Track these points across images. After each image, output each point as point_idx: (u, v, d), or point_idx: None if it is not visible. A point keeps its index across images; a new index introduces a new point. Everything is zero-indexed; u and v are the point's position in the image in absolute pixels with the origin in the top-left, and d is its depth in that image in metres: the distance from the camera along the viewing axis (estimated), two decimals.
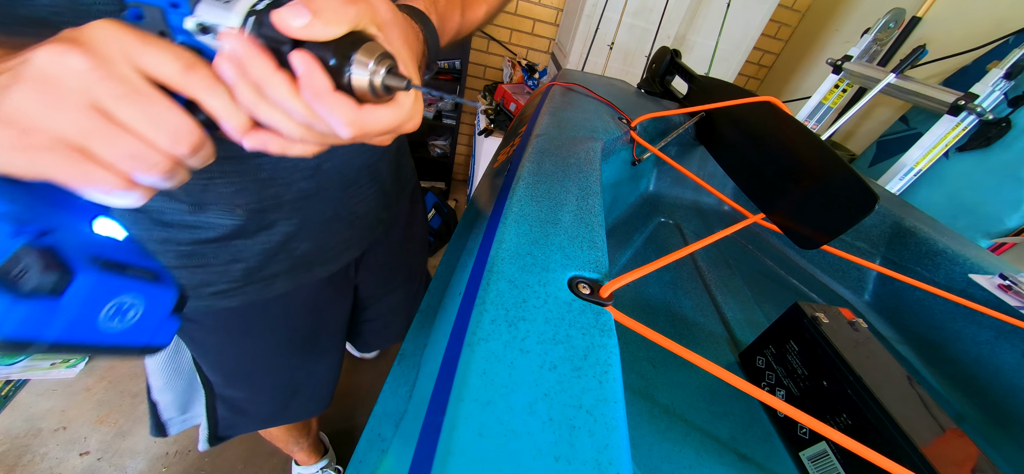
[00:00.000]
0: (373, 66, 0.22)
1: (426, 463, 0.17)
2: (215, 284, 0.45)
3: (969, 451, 0.31)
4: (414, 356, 0.32)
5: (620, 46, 1.60)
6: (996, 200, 1.07)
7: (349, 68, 0.22)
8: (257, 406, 0.64)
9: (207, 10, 0.21)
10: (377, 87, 0.23)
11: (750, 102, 0.57)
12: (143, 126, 0.19)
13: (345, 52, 0.22)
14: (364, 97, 0.23)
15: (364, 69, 0.22)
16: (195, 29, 0.22)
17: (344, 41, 0.22)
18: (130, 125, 0.19)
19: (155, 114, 0.19)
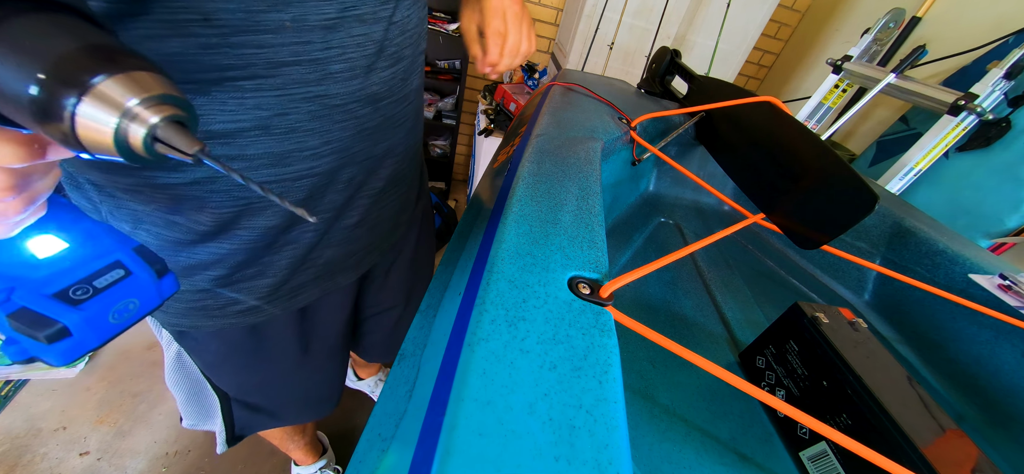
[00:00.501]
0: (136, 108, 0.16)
1: (426, 463, 0.17)
2: (242, 302, 0.44)
3: (969, 451, 0.31)
4: (414, 356, 0.32)
5: (620, 46, 1.60)
6: (996, 200, 1.07)
7: (74, 103, 0.15)
8: (274, 408, 0.64)
9: None
10: (135, 146, 0.16)
11: (750, 102, 0.57)
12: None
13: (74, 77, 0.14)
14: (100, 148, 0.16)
15: (111, 112, 0.15)
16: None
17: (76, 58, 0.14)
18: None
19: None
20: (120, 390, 1.15)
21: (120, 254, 0.25)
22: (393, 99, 0.41)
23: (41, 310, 0.21)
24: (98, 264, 0.24)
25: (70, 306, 0.21)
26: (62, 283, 0.22)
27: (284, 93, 0.32)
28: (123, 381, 1.17)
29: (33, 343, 0.21)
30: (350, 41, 0.34)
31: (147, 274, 0.25)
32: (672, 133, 0.69)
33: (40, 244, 0.23)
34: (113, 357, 1.22)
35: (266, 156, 0.34)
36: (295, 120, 0.34)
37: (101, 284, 0.23)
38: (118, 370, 1.19)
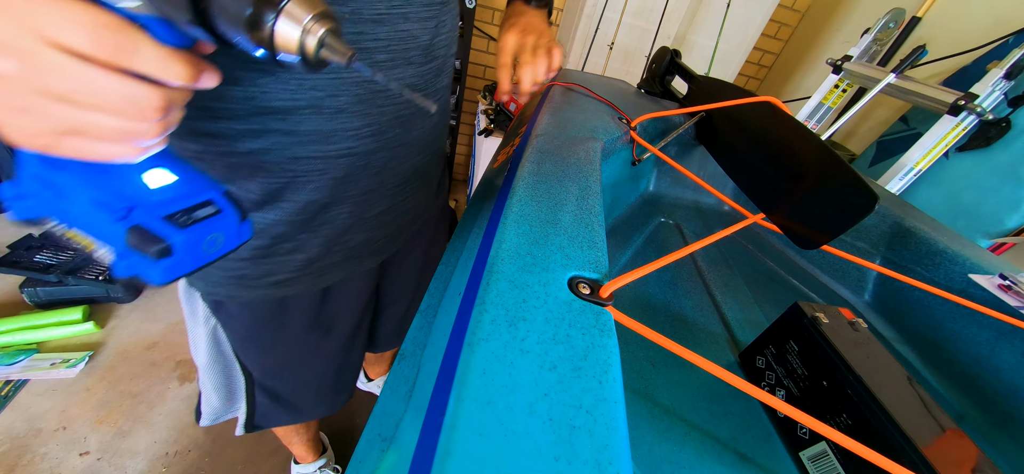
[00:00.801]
0: (309, 23, 0.21)
1: (426, 463, 0.17)
2: (276, 274, 0.48)
3: (969, 451, 0.31)
4: (414, 356, 0.32)
5: (620, 46, 1.60)
6: (996, 200, 1.07)
7: (273, 18, 0.20)
8: (296, 398, 0.66)
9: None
10: (309, 51, 0.22)
11: (750, 102, 0.57)
12: (102, 100, 0.20)
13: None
14: (285, 50, 0.22)
15: (296, 24, 0.21)
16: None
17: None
18: (96, 102, 0.20)
19: (96, 91, 0.20)
20: (120, 390, 1.15)
21: (214, 194, 0.29)
22: (426, 91, 0.46)
23: (153, 229, 0.25)
24: (197, 199, 0.28)
25: (176, 228, 0.25)
26: (170, 209, 0.26)
27: (336, 77, 0.37)
28: (123, 381, 1.17)
29: (140, 259, 0.24)
30: (395, 36, 0.39)
31: (233, 215, 0.30)
32: (672, 133, 0.69)
33: (154, 176, 0.26)
34: (113, 357, 1.22)
35: (315, 133, 0.39)
36: (343, 102, 0.38)
37: (199, 216, 0.27)
38: (118, 370, 1.19)
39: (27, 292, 1.27)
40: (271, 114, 0.36)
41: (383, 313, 0.73)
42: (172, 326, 1.34)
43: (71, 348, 1.22)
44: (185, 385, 1.20)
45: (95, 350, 1.22)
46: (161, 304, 1.40)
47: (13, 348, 1.19)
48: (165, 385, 1.18)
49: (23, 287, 1.28)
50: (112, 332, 1.28)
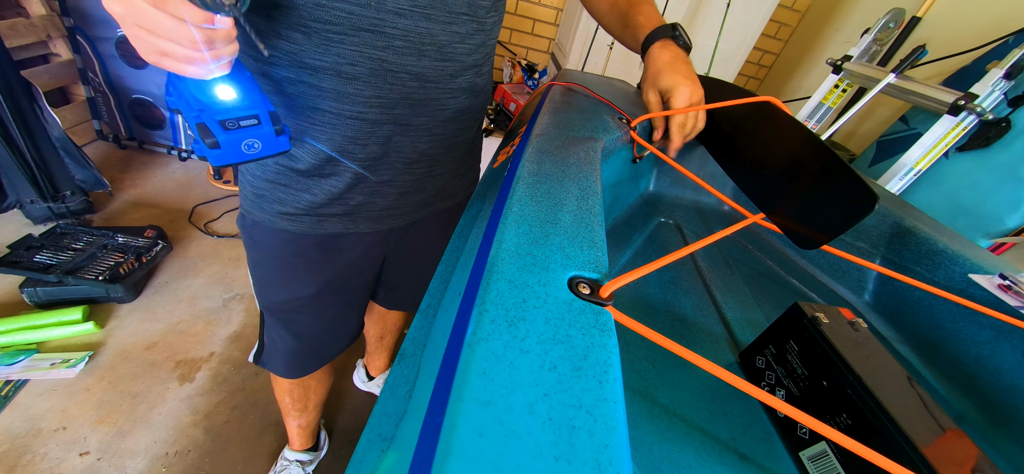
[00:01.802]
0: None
1: (426, 463, 0.17)
2: (286, 205, 0.56)
3: (969, 451, 0.31)
4: (414, 356, 0.32)
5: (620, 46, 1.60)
6: (996, 200, 1.07)
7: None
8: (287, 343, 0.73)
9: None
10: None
11: (750, 102, 0.57)
12: (169, 33, 0.31)
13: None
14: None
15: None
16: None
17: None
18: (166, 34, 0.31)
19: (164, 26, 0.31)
20: (120, 390, 1.15)
21: (259, 110, 0.39)
22: (438, 86, 0.51)
23: (210, 126, 0.37)
24: (244, 112, 0.39)
25: (223, 130, 0.37)
26: (223, 117, 0.38)
27: (357, 50, 0.44)
28: (123, 381, 1.17)
29: (203, 146, 0.37)
30: (413, 29, 0.45)
31: (270, 128, 0.40)
32: None
33: (222, 90, 0.37)
34: (113, 357, 1.22)
35: (334, 92, 0.47)
36: (359, 71, 0.46)
37: (243, 124, 0.38)
38: (118, 370, 1.19)
39: (27, 292, 1.27)
40: (304, 68, 0.45)
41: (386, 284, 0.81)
42: (172, 326, 1.34)
43: (71, 348, 1.22)
44: (185, 385, 1.20)
45: (95, 350, 1.22)
46: (161, 304, 1.40)
47: (13, 348, 1.19)
48: (165, 385, 1.18)
49: (23, 287, 1.28)
50: (112, 332, 1.28)
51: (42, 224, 1.53)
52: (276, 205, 0.56)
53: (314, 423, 1.02)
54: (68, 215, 1.56)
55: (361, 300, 0.77)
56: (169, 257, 1.56)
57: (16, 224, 1.52)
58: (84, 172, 1.56)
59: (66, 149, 1.50)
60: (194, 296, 1.45)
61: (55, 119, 1.46)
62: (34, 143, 1.43)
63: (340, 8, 0.42)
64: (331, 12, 0.42)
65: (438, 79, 0.51)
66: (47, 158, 1.48)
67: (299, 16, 0.42)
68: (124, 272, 1.35)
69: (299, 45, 0.44)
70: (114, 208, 1.72)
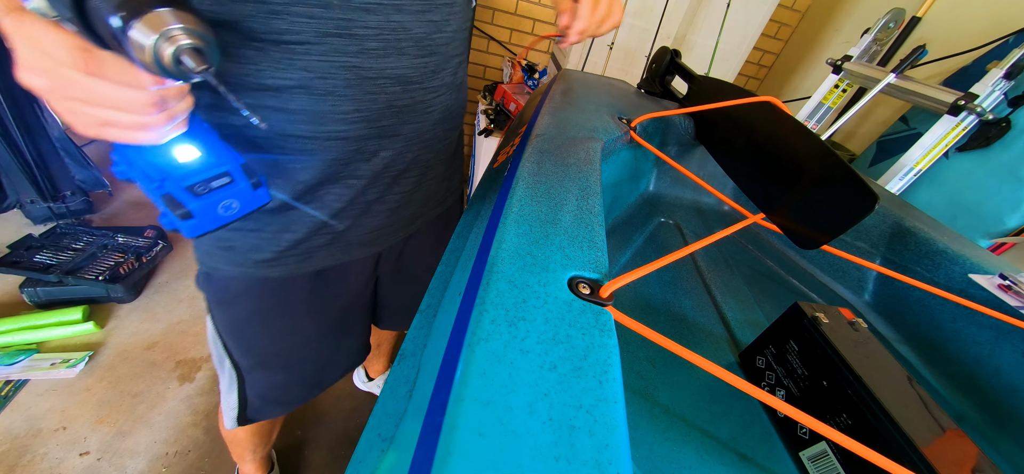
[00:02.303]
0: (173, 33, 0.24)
1: (426, 463, 0.17)
2: (263, 251, 0.49)
3: (969, 451, 0.31)
4: (414, 356, 0.32)
5: (620, 46, 1.60)
6: (996, 200, 1.07)
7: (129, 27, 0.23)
8: (287, 388, 0.66)
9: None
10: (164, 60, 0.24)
11: (750, 102, 0.57)
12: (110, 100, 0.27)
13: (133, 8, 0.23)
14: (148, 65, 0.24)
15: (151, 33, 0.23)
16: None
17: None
18: (106, 102, 0.27)
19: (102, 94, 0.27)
20: (120, 390, 1.15)
21: (230, 166, 0.35)
22: (422, 86, 0.46)
23: (178, 197, 0.32)
24: (214, 171, 0.34)
25: (194, 196, 0.33)
26: (191, 181, 0.33)
27: (326, 59, 0.38)
28: (123, 381, 1.17)
29: (174, 218, 0.32)
30: (387, 25, 0.40)
31: (245, 183, 0.36)
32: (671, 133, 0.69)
33: (181, 151, 0.33)
34: (113, 357, 1.22)
35: (306, 113, 0.41)
36: (333, 85, 0.40)
37: (214, 185, 0.34)
38: (118, 370, 1.19)
39: (27, 292, 1.27)
40: (264, 91, 0.38)
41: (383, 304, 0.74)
42: (172, 326, 1.34)
43: (71, 348, 1.22)
44: (185, 385, 1.20)
45: (95, 350, 1.22)
46: (161, 304, 1.40)
47: (13, 348, 1.19)
48: (165, 385, 1.18)
49: (23, 287, 1.28)
50: (112, 332, 1.28)
51: (42, 224, 1.54)
52: (251, 254, 0.49)
53: (268, 450, 0.97)
54: (68, 215, 1.56)
55: (362, 325, 0.72)
56: (169, 257, 1.56)
57: (16, 224, 1.52)
58: (84, 172, 1.56)
59: (66, 149, 1.50)
60: (194, 296, 1.45)
61: (55, 119, 1.46)
62: (34, 143, 1.43)
63: (299, 13, 0.35)
64: (289, 20, 0.35)
65: (421, 78, 0.46)
66: (47, 158, 1.48)
67: (249, 30, 0.35)
68: (124, 272, 1.35)
69: (256, 65, 0.37)
70: (114, 208, 1.72)
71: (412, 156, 0.51)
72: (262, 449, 0.91)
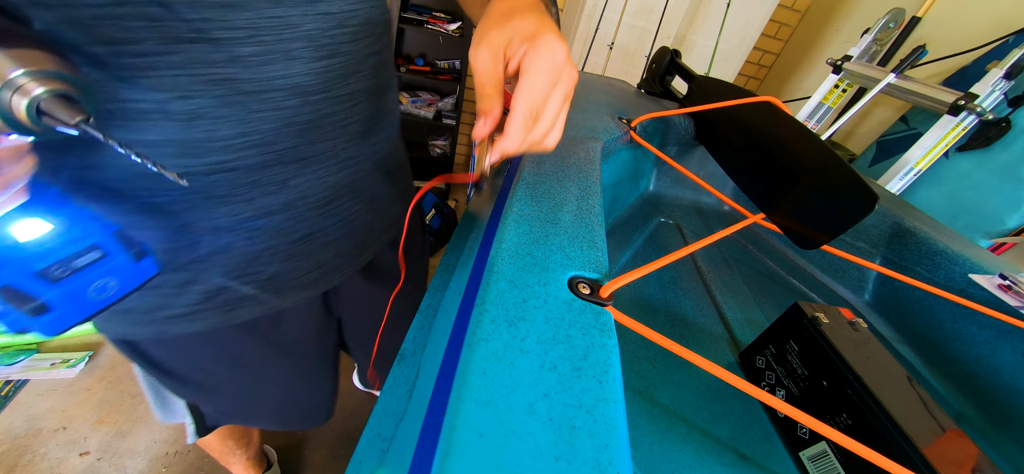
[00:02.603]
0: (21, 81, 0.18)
1: (426, 463, 0.17)
2: (170, 308, 0.41)
3: (969, 451, 0.31)
4: (414, 356, 0.32)
5: (620, 46, 1.60)
6: (996, 200, 1.07)
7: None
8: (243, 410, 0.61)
9: None
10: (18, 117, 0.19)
11: (750, 102, 0.57)
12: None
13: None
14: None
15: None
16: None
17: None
18: None
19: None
20: (120, 390, 1.15)
21: (98, 237, 0.27)
22: (329, 96, 0.37)
23: (23, 288, 0.23)
24: (77, 246, 0.26)
25: (50, 283, 0.24)
26: (43, 263, 0.24)
27: (184, 73, 0.29)
28: (123, 381, 1.17)
29: (22, 316, 0.23)
30: (262, 22, 0.31)
31: (123, 256, 0.27)
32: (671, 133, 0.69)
33: (24, 227, 0.24)
34: (113, 357, 1.22)
35: (171, 144, 0.31)
36: (200, 105, 0.31)
37: (79, 264, 0.25)
38: (118, 370, 1.19)
39: None
40: (107, 119, 0.29)
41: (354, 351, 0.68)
42: None
43: (71, 348, 1.22)
44: None
45: (95, 350, 1.22)
46: None
47: (13, 348, 1.19)
48: None
49: None
50: None
51: None
52: (157, 313, 0.41)
53: (259, 446, 0.94)
54: None
55: (324, 377, 0.64)
56: None
57: None
58: None
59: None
60: None
61: None
62: None
63: (128, 13, 0.26)
64: (121, 25, 0.26)
65: (324, 87, 0.36)
66: None
67: (70, 43, 0.25)
68: None
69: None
70: None
71: (335, 180, 0.42)
72: (243, 451, 0.87)
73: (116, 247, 0.27)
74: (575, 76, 0.31)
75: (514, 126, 0.29)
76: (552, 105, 0.30)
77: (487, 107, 0.30)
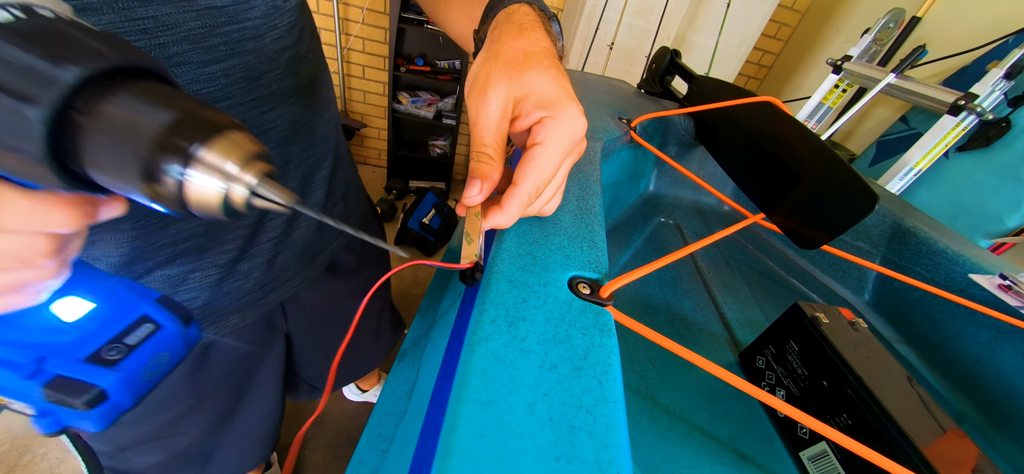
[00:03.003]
0: (234, 171, 0.16)
1: (426, 463, 0.17)
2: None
3: (969, 451, 0.31)
4: (414, 356, 0.32)
5: (620, 46, 1.60)
6: (996, 200, 1.07)
7: (180, 172, 0.15)
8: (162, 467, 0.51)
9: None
10: (237, 205, 0.17)
11: (750, 102, 0.57)
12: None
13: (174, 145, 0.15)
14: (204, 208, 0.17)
15: (215, 176, 0.16)
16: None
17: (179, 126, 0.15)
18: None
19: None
20: None
21: (146, 308, 0.24)
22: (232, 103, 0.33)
23: (76, 375, 0.20)
24: (127, 320, 0.23)
25: (106, 368, 0.21)
26: (94, 345, 0.21)
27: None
28: None
29: (69, 412, 0.20)
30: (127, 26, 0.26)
31: (175, 324, 0.24)
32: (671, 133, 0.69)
33: (66, 306, 0.22)
34: None
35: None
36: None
37: (133, 341, 0.22)
38: None
39: None
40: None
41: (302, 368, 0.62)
42: None
43: None
44: None
45: None
46: None
47: None
48: None
49: None
50: None
51: None
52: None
53: None
54: None
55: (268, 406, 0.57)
56: None
57: None
58: None
59: None
60: None
61: None
62: None
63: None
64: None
65: (226, 94, 0.32)
66: None
67: None
68: None
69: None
70: None
71: None
72: None
73: (166, 316, 0.24)
74: (584, 148, 0.28)
75: (515, 202, 0.25)
76: (558, 179, 0.27)
77: (485, 171, 0.25)
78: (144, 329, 0.23)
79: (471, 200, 0.26)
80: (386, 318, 0.79)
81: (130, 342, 0.22)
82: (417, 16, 1.81)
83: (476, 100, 0.25)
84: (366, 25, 1.95)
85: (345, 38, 1.97)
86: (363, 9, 1.89)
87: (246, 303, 0.43)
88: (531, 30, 0.27)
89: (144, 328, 0.23)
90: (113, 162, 0.15)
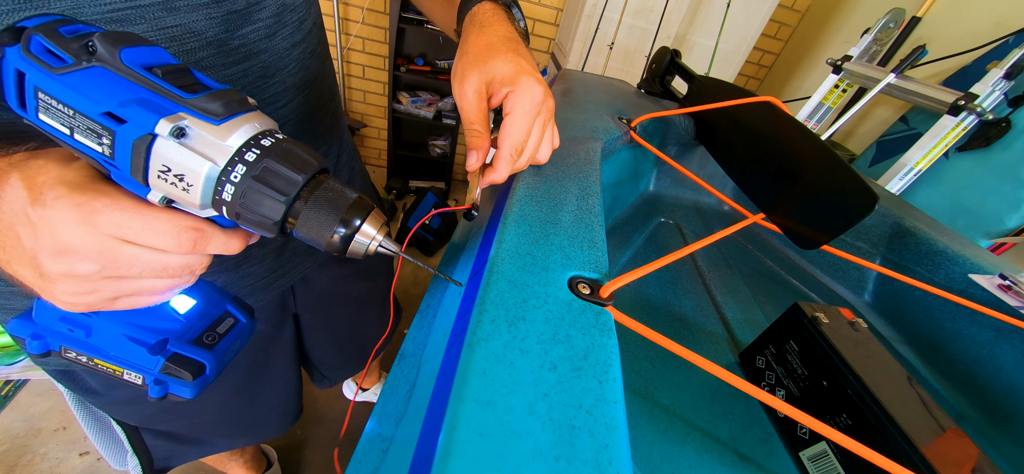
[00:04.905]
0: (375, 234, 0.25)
1: (426, 463, 0.17)
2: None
3: (969, 451, 0.31)
4: (414, 356, 0.32)
5: (620, 46, 1.60)
6: (996, 200, 1.07)
7: (350, 236, 0.24)
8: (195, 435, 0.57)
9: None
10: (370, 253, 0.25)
11: (750, 102, 0.57)
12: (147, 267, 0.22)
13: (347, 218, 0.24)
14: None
15: (366, 240, 0.25)
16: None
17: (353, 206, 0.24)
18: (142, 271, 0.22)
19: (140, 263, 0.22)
20: None
21: (228, 305, 0.31)
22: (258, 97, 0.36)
23: (188, 354, 0.27)
24: (216, 314, 0.31)
25: (206, 350, 0.28)
26: (197, 331, 0.29)
27: None
28: None
29: (177, 382, 0.27)
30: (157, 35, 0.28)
31: (245, 318, 0.32)
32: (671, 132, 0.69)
33: (178, 303, 0.28)
34: None
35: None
36: None
37: (222, 330, 0.30)
38: None
39: None
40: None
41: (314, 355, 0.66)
42: None
43: None
44: None
45: None
46: None
47: (13, 348, 1.19)
48: None
49: None
50: None
51: None
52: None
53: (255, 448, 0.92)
54: None
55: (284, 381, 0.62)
56: None
57: None
58: None
59: None
60: None
61: None
62: None
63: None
64: None
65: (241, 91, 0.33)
66: None
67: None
68: None
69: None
70: None
71: None
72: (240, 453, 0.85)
73: (239, 312, 0.32)
74: (552, 103, 0.35)
75: (501, 162, 0.32)
76: (534, 135, 0.33)
77: (477, 142, 0.33)
78: (228, 322, 0.31)
79: (472, 166, 0.33)
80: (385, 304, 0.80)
81: (220, 331, 0.30)
82: (417, 16, 1.81)
83: (457, 89, 0.33)
84: (366, 25, 1.95)
85: (345, 38, 1.97)
86: (363, 9, 1.89)
87: (261, 286, 0.47)
88: (490, 25, 0.35)
89: (228, 321, 0.31)
90: (315, 227, 0.23)
